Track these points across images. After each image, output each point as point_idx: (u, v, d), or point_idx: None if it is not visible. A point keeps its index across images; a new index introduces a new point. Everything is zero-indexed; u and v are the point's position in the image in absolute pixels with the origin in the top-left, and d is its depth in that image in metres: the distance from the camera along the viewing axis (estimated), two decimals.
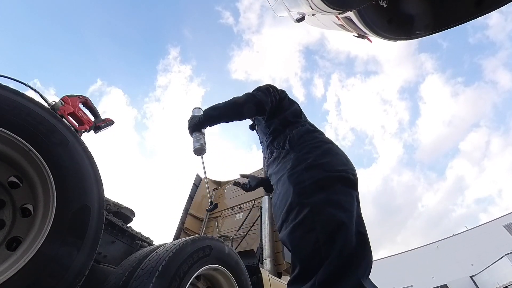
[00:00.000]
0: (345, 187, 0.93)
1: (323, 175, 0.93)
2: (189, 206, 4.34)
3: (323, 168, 0.96)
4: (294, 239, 0.85)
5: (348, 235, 0.81)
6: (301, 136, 1.12)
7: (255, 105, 1.21)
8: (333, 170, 0.96)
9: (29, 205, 1.00)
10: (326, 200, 0.87)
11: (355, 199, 0.93)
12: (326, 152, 1.04)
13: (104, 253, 1.60)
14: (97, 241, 1.09)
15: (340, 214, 0.84)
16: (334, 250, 0.77)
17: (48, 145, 1.02)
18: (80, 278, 0.99)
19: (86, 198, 1.08)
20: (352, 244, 0.81)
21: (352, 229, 0.83)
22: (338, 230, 0.81)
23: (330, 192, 0.89)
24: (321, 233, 0.80)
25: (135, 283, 1.27)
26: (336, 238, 0.79)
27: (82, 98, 1.67)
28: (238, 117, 1.27)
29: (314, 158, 0.99)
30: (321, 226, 0.81)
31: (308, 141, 1.09)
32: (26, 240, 0.93)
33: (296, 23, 2.11)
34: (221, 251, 1.71)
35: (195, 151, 1.31)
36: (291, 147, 1.09)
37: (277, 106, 1.32)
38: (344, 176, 0.96)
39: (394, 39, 2.06)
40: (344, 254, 0.77)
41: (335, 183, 0.92)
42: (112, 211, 1.85)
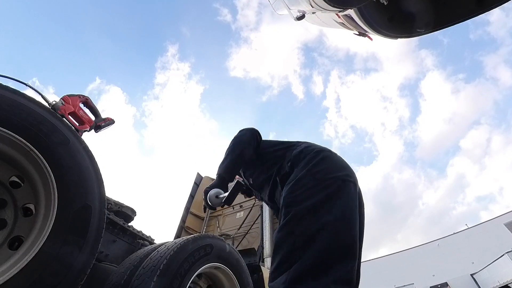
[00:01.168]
0: (336, 193, 0.95)
1: (313, 183, 0.96)
2: (190, 205, 4.35)
3: (315, 176, 0.99)
4: (276, 240, 0.90)
5: (326, 240, 0.84)
6: (299, 153, 1.15)
7: (247, 139, 1.30)
8: (326, 178, 0.98)
9: (30, 204, 1.00)
10: (311, 206, 0.90)
11: (346, 203, 0.94)
12: (321, 161, 1.06)
13: (106, 252, 1.61)
14: (98, 240, 1.09)
15: (322, 219, 0.87)
16: (308, 252, 0.81)
17: (49, 144, 1.02)
18: (82, 277, 1.00)
19: (87, 197, 1.08)
20: (329, 248, 0.83)
21: (333, 235, 0.85)
22: (316, 235, 0.84)
23: (317, 199, 0.92)
24: (299, 236, 0.85)
25: (137, 282, 1.28)
26: (313, 242, 0.83)
27: (82, 97, 1.67)
28: (246, 155, 1.29)
29: (308, 168, 1.02)
30: (301, 230, 0.86)
31: (306, 154, 1.11)
32: (28, 240, 0.93)
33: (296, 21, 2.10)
34: (222, 249, 1.72)
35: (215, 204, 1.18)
36: (292, 168, 1.12)
37: (260, 151, 1.35)
38: (336, 182, 0.97)
39: (394, 37, 2.05)
40: (317, 257, 0.81)
41: (324, 190, 0.94)
42: (113, 210, 1.86)
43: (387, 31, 1.98)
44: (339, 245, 0.84)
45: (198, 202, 4.48)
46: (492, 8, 1.77)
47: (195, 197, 4.50)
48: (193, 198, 4.47)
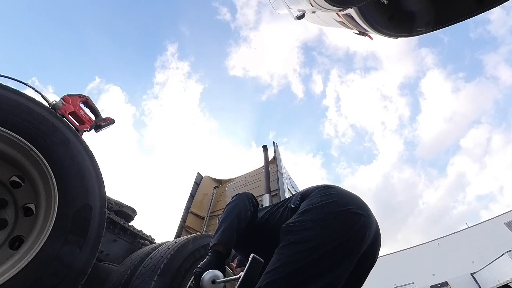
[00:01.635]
0: (336, 227, 0.92)
1: (312, 218, 0.94)
2: (190, 204, 4.35)
3: (321, 209, 0.96)
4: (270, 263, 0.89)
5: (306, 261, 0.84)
6: (306, 190, 1.13)
7: (240, 199, 1.17)
8: (328, 212, 0.95)
9: (31, 204, 1.00)
10: (302, 240, 0.89)
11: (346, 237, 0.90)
12: (330, 194, 1.02)
13: (106, 252, 1.61)
14: (99, 240, 1.09)
15: (308, 254, 0.86)
16: (281, 273, 0.82)
17: (49, 144, 1.02)
18: (82, 276, 1.00)
19: (87, 197, 1.09)
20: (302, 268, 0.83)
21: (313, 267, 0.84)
22: (295, 264, 0.84)
23: (311, 235, 0.90)
24: (284, 263, 0.84)
25: (137, 281, 1.28)
26: (291, 268, 0.83)
27: (82, 97, 1.67)
28: (244, 220, 1.14)
29: (316, 201, 0.99)
30: (286, 259, 0.85)
31: (314, 189, 1.08)
32: (29, 239, 0.93)
33: (296, 21, 2.10)
34: None
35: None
36: (302, 200, 1.08)
37: (257, 221, 1.22)
38: (340, 216, 0.94)
39: (395, 36, 2.05)
40: (287, 278, 0.81)
41: (322, 226, 0.92)
42: (113, 210, 1.86)
43: (387, 30, 1.98)
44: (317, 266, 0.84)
45: (198, 202, 4.48)
46: (493, 7, 1.77)
47: (195, 197, 4.51)
48: (193, 198, 4.48)
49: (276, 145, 4.54)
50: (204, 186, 4.79)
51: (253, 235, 1.15)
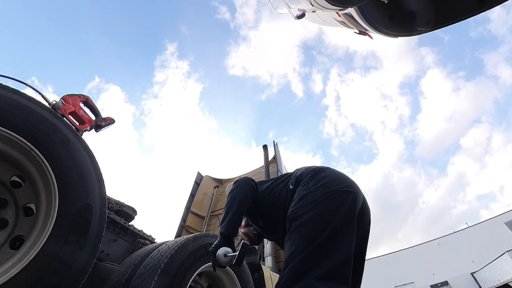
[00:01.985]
0: (331, 205, 1.03)
1: (314, 199, 1.05)
2: (190, 204, 4.35)
3: (316, 192, 1.07)
4: (285, 250, 1.01)
5: (318, 244, 0.92)
6: (301, 173, 1.23)
7: (240, 185, 1.36)
8: (326, 192, 1.06)
9: (31, 204, 1.00)
10: (308, 220, 1.00)
11: (342, 212, 1.01)
12: (323, 176, 1.14)
13: (107, 251, 1.61)
14: (99, 240, 1.10)
15: (315, 233, 0.96)
16: (302, 255, 0.91)
17: (50, 144, 1.02)
18: (83, 276, 1.00)
19: (88, 196, 1.09)
20: (320, 251, 0.92)
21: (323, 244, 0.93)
22: (307, 245, 0.93)
23: (314, 213, 1.00)
24: (297, 247, 0.94)
25: (138, 281, 1.28)
26: (306, 249, 0.92)
27: (82, 97, 1.67)
28: (243, 202, 1.32)
29: (311, 185, 1.11)
30: (298, 242, 0.95)
31: (307, 174, 1.19)
32: (29, 239, 0.93)
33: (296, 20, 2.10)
34: None
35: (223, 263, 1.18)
36: (297, 184, 1.20)
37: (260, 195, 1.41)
38: (332, 195, 1.05)
39: (395, 36, 2.04)
40: (306, 258, 0.90)
41: (319, 205, 1.03)
42: (114, 210, 1.86)
43: (387, 29, 1.98)
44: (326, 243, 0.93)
45: (198, 201, 4.49)
46: (493, 7, 1.76)
47: (195, 196, 4.51)
48: (194, 197, 4.48)
49: (276, 144, 4.55)
50: (204, 186, 4.80)
51: (256, 206, 1.36)
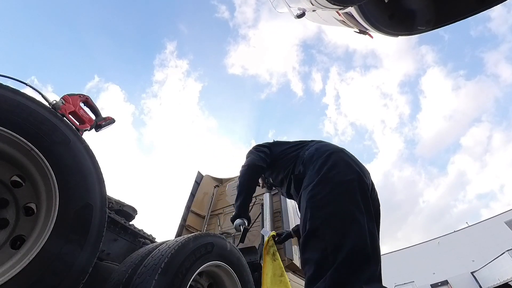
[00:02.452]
0: (352, 196, 0.98)
1: (332, 188, 1.00)
2: (190, 203, 4.36)
3: (332, 180, 1.03)
4: (309, 247, 0.94)
5: (354, 243, 0.87)
6: (312, 155, 1.20)
7: (253, 169, 1.46)
8: (342, 181, 1.02)
9: (32, 204, 1.00)
10: (335, 212, 0.94)
11: (365, 203, 0.98)
12: (335, 164, 1.09)
13: (107, 251, 1.62)
14: (100, 239, 1.10)
15: (347, 225, 0.91)
16: (339, 258, 0.84)
17: (50, 144, 1.02)
18: (83, 275, 1.00)
19: (88, 196, 1.09)
20: (358, 251, 0.86)
21: (360, 237, 0.89)
22: (344, 240, 0.87)
23: (339, 205, 0.96)
24: (329, 243, 0.88)
25: (138, 280, 1.28)
26: (342, 246, 0.86)
27: (82, 96, 1.67)
28: (252, 184, 1.50)
29: (324, 172, 1.06)
30: (330, 237, 0.89)
31: (318, 157, 1.15)
32: (30, 239, 0.93)
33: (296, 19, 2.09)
34: (223, 248, 1.72)
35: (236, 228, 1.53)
36: (305, 167, 1.18)
37: (274, 156, 1.51)
38: (353, 184, 1.01)
39: (395, 35, 2.04)
40: (348, 262, 0.83)
41: (343, 195, 0.98)
42: (114, 209, 1.86)
43: (388, 28, 1.97)
44: (367, 245, 0.88)
45: (199, 201, 4.49)
46: (493, 6, 1.76)
47: (196, 196, 4.51)
48: (194, 197, 4.48)
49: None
50: (204, 185, 4.80)
51: (270, 166, 1.49)
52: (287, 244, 2.98)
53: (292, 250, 3.00)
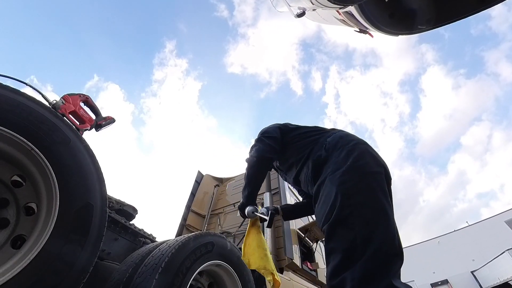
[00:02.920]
0: (382, 188, 0.98)
1: (362, 177, 0.99)
2: (191, 203, 4.36)
3: (362, 170, 1.01)
4: (336, 236, 0.91)
5: (384, 236, 0.87)
6: (337, 142, 1.17)
7: (262, 161, 1.39)
8: (371, 171, 1.01)
9: (32, 203, 1.00)
10: (365, 202, 0.93)
11: (390, 197, 1.00)
12: (363, 154, 1.09)
13: (108, 250, 1.62)
14: (100, 239, 1.10)
15: (378, 216, 0.90)
16: (369, 249, 0.83)
17: (50, 144, 1.03)
18: (84, 275, 1.01)
19: (88, 196, 1.09)
20: (388, 244, 0.86)
21: (389, 230, 0.89)
22: (374, 231, 0.87)
23: (369, 195, 0.95)
24: (359, 233, 0.86)
25: (139, 279, 1.29)
26: (372, 238, 0.85)
27: (82, 96, 1.68)
28: (261, 176, 1.45)
29: (353, 161, 1.04)
30: (360, 227, 0.87)
31: (344, 145, 1.13)
32: (31, 238, 0.94)
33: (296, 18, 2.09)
34: (223, 247, 1.72)
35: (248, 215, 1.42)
36: (328, 153, 1.14)
37: (286, 140, 1.44)
38: (381, 177, 1.02)
39: (396, 34, 2.03)
40: (379, 254, 0.83)
41: (373, 185, 0.98)
42: (114, 209, 1.86)
43: (388, 28, 1.97)
44: (395, 239, 0.88)
45: (199, 200, 4.49)
46: (494, 5, 1.75)
47: (196, 195, 4.52)
48: (194, 196, 4.48)
49: None
50: (204, 185, 4.80)
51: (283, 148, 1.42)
52: (287, 244, 2.99)
53: (292, 249, 3.01)
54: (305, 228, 3.71)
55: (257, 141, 1.46)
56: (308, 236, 3.76)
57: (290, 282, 2.73)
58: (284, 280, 2.63)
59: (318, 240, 4.00)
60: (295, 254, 3.08)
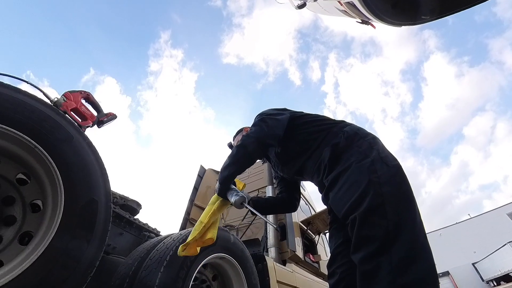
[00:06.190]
0: (406, 179, 1.02)
1: (389, 168, 1.01)
2: (194, 197, 4.40)
3: (385, 161, 1.03)
4: (370, 223, 0.92)
5: (415, 223, 0.90)
6: (355, 133, 1.17)
7: (258, 144, 1.23)
8: (395, 164, 1.04)
9: (38, 200, 1.02)
10: (395, 192, 0.96)
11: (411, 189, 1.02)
12: (383, 147, 1.12)
13: (113, 245, 1.65)
14: (105, 233, 1.12)
15: (407, 205, 0.94)
16: (403, 235, 0.86)
17: (53, 141, 1.03)
18: (91, 269, 1.03)
19: (93, 192, 1.10)
20: (419, 230, 0.90)
21: (418, 218, 0.92)
22: (406, 219, 0.90)
23: (398, 185, 0.98)
24: (392, 221, 0.89)
25: (145, 273, 1.32)
26: (405, 225, 0.88)
27: (84, 93, 1.68)
28: (250, 162, 1.26)
29: (378, 152, 1.06)
30: (391, 215, 0.90)
31: (364, 137, 1.15)
32: (38, 235, 0.96)
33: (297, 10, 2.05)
34: (226, 240, 1.75)
35: (235, 205, 1.19)
36: (348, 142, 1.14)
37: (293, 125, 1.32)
38: (402, 169, 1.05)
39: (398, 25, 1.99)
40: (413, 240, 0.86)
41: (401, 176, 1.02)
42: (119, 204, 1.89)
43: (391, 18, 1.93)
44: (422, 228, 0.91)
45: (202, 194, 4.53)
46: None
47: (199, 189, 4.55)
48: (197, 190, 4.52)
49: None
50: (207, 179, 4.82)
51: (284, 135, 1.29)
52: (290, 236, 3.02)
53: (294, 242, 3.04)
54: (308, 221, 3.74)
55: (260, 121, 1.28)
56: (311, 229, 3.80)
57: (292, 273, 2.77)
58: (287, 271, 2.67)
59: (320, 232, 4.04)
60: (298, 246, 3.12)
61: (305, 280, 3.07)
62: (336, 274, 1.11)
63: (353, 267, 0.96)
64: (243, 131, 1.82)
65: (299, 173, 1.37)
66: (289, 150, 1.33)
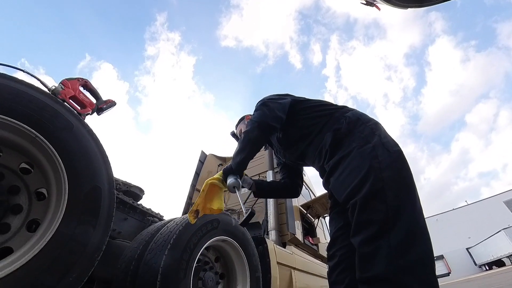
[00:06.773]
0: (407, 165, 1.03)
1: (390, 154, 1.02)
2: (195, 182, 4.47)
3: (386, 147, 1.04)
4: (370, 207, 0.94)
5: (414, 207, 0.92)
6: (357, 118, 1.17)
7: (264, 129, 1.22)
8: (396, 150, 1.04)
9: (42, 189, 1.04)
10: (395, 177, 0.96)
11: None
12: (385, 133, 1.12)
13: (118, 230, 1.70)
14: (110, 219, 1.15)
15: (407, 190, 0.95)
16: (402, 220, 0.88)
17: (54, 130, 1.04)
18: (98, 253, 1.07)
19: (96, 179, 1.12)
20: (418, 214, 0.91)
21: (418, 203, 0.94)
22: (405, 204, 0.92)
23: (398, 170, 0.99)
24: (391, 205, 0.91)
25: (150, 256, 1.37)
26: (404, 209, 0.90)
27: (81, 80, 1.65)
28: (259, 145, 1.25)
29: (379, 138, 1.07)
30: (391, 199, 0.92)
31: (366, 122, 1.15)
32: (44, 222, 0.99)
33: None
34: (228, 223, 1.80)
35: (228, 187, 1.17)
36: (350, 127, 1.14)
37: (295, 109, 1.32)
38: (403, 155, 1.05)
39: (404, 7, 1.91)
40: (412, 224, 0.88)
41: (402, 161, 1.02)
42: (122, 190, 1.92)
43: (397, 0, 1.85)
44: (421, 212, 0.93)
45: (203, 179, 4.60)
46: None
47: (200, 174, 4.61)
48: (199, 176, 4.58)
49: None
50: (208, 164, 4.87)
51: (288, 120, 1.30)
52: (289, 220, 3.10)
53: (294, 225, 3.13)
54: (307, 205, 3.82)
55: (262, 106, 1.29)
56: (310, 213, 3.89)
57: (292, 255, 2.88)
58: (287, 253, 2.77)
59: (319, 216, 4.14)
60: (297, 229, 3.21)
61: (304, 262, 3.19)
62: (335, 256, 1.14)
63: (352, 250, 0.99)
64: (244, 119, 1.82)
65: (300, 158, 1.38)
66: (290, 135, 1.34)
